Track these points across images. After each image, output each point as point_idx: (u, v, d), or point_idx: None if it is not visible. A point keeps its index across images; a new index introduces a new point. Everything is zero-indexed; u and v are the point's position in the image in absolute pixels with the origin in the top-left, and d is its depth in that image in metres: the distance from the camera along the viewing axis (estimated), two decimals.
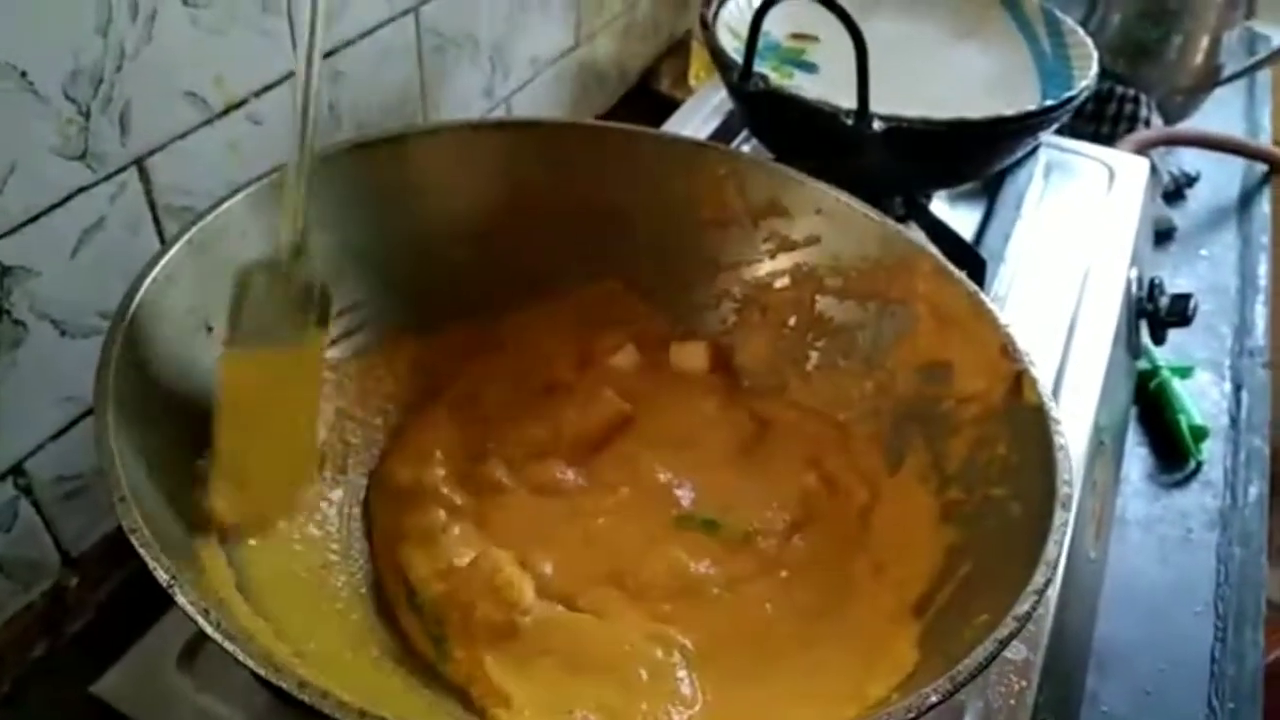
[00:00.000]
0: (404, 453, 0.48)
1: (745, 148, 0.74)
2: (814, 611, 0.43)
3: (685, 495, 0.48)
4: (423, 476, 0.46)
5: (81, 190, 0.45)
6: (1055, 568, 0.34)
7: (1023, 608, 0.33)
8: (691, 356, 0.53)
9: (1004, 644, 0.32)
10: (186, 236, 0.40)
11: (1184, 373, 0.76)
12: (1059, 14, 0.69)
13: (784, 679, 0.41)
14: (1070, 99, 0.59)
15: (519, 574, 0.41)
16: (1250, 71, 1.00)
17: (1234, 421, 0.76)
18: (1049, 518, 0.36)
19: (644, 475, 0.48)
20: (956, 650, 0.33)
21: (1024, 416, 0.41)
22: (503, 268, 0.52)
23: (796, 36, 0.68)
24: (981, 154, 0.62)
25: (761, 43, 0.59)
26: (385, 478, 0.47)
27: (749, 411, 0.51)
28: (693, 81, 0.93)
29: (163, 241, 0.49)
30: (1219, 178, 0.98)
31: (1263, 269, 0.89)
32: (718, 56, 0.62)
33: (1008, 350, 0.43)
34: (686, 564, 0.44)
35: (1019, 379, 0.42)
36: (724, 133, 0.75)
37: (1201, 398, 0.76)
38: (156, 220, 0.49)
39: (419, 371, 0.50)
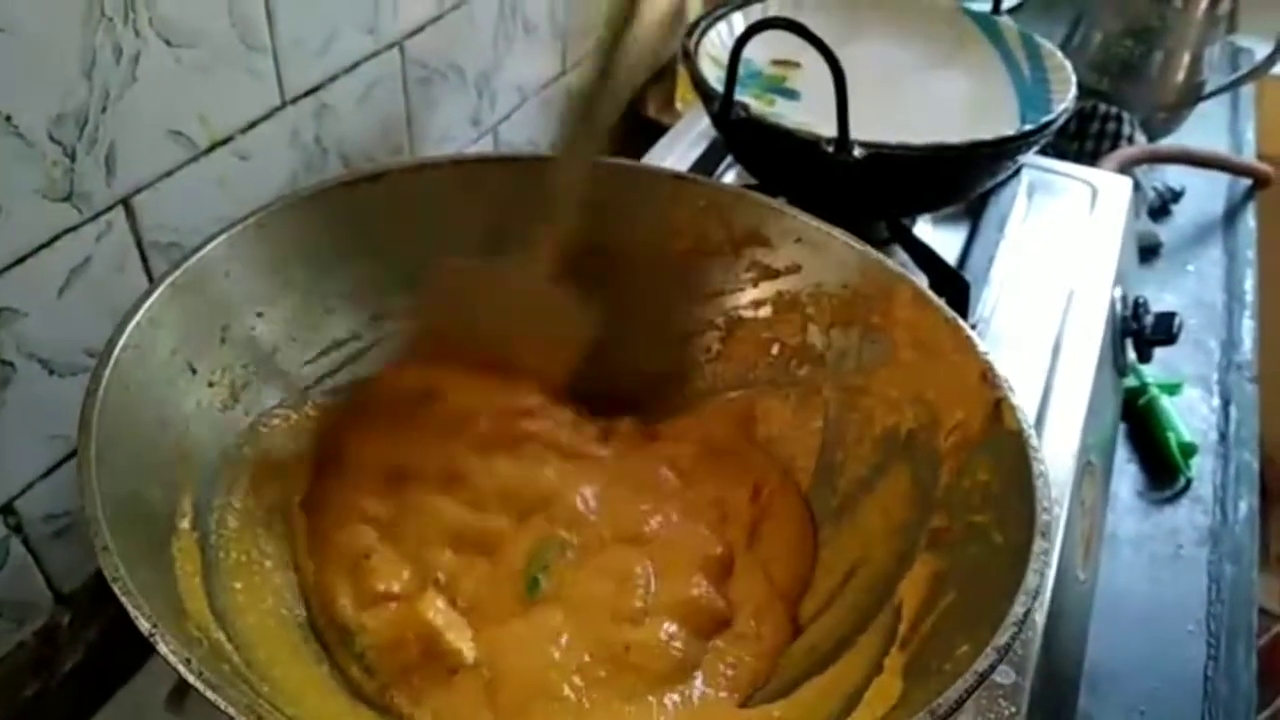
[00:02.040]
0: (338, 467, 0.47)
1: (731, 173, 0.75)
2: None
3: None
4: (349, 493, 0.46)
5: (68, 231, 0.45)
6: (1036, 597, 0.35)
7: (1002, 639, 0.33)
8: None
9: (984, 676, 0.32)
10: (170, 279, 0.41)
11: (1172, 389, 0.77)
12: (1038, 39, 0.69)
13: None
14: (1048, 123, 0.59)
15: (459, 635, 0.41)
16: (1233, 86, 1.01)
17: (1223, 437, 0.76)
18: (1029, 546, 0.36)
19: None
20: (939, 682, 0.33)
21: (1004, 443, 0.41)
22: None
23: (778, 63, 0.69)
24: (961, 178, 0.63)
25: (743, 70, 0.60)
26: (317, 495, 0.46)
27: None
28: (679, 104, 0.94)
29: (150, 279, 0.50)
30: (1204, 193, 0.98)
31: (1249, 283, 0.89)
32: (699, 86, 0.63)
33: (987, 377, 0.43)
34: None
35: (999, 406, 0.42)
36: (711, 157, 0.76)
37: (1190, 414, 0.76)
38: (144, 258, 0.49)
39: None
